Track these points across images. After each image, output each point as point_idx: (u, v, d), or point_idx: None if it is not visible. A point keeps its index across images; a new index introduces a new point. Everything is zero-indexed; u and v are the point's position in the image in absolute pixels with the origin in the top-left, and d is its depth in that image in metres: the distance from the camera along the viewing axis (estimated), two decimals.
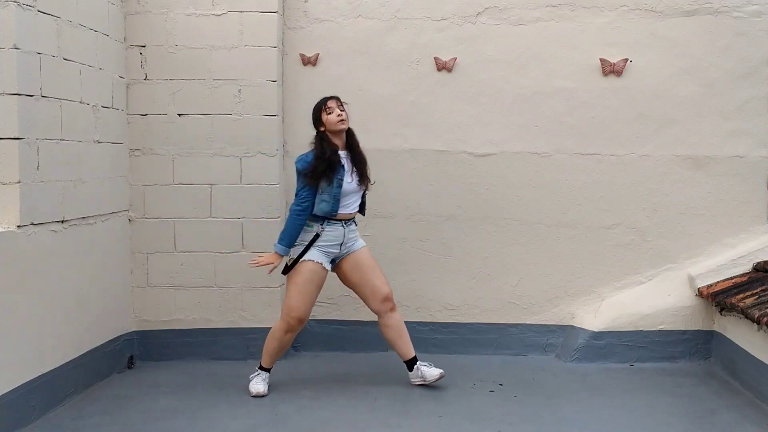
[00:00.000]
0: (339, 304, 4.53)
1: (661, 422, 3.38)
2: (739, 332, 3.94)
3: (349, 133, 3.77)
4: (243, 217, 4.31)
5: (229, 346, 4.35)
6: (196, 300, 4.34)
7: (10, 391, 3.13)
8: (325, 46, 4.41)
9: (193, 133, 4.27)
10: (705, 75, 4.32)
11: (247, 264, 4.28)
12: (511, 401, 3.66)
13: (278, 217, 4.33)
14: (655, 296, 4.35)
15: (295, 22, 4.42)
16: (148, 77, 4.25)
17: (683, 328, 4.31)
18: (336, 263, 3.80)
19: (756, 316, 3.54)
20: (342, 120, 3.68)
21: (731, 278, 4.16)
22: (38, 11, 3.32)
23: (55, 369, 3.48)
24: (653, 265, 4.43)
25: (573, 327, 4.45)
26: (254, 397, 3.72)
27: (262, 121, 4.28)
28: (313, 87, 4.43)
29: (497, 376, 4.05)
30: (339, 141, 3.73)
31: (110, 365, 4.05)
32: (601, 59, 4.32)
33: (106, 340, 4.00)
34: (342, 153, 3.72)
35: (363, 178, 3.74)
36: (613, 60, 4.32)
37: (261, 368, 3.83)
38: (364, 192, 3.82)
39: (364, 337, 4.50)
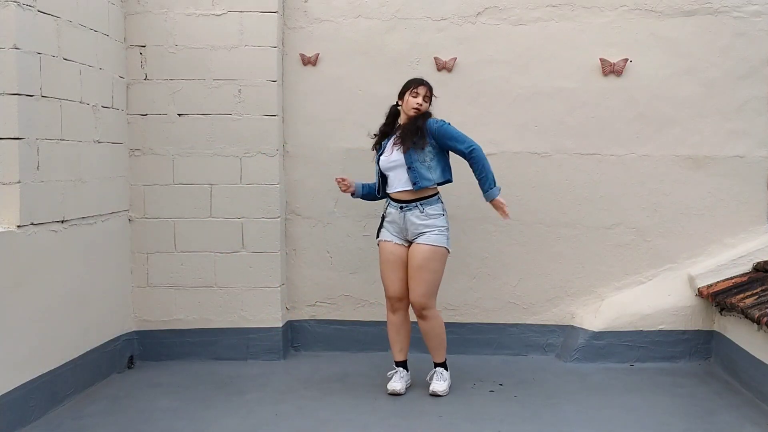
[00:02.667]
0: (339, 304, 4.54)
1: (661, 422, 3.38)
2: (739, 332, 3.94)
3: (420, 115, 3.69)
4: (243, 217, 4.31)
5: (229, 346, 4.36)
6: (196, 300, 4.34)
7: (10, 391, 3.13)
8: (325, 46, 4.42)
9: (193, 133, 4.27)
10: (705, 75, 4.32)
11: (247, 264, 4.30)
12: (511, 401, 3.66)
13: (278, 217, 4.33)
14: (655, 296, 4.35)
15: (295, 22, 4.42)
16: (148, 77, 4.25)
17: (683, 328, 4.31)
18: (411, 242, 3.72)
19: (756, 316, 3.54)
20: (416, 110, 3.66)
21: (731, 278, 4.16)
22: (38, 11, 3.32)
23: (55, 369, 3.48)
24: (653, 265, 4.43)
25: (573, 327, 4.45)
26: (390, 394, 3.74)
27: (262, 121, 4.28)
28: (313, 87, 4.44)
29: (497, 376, 4.05)
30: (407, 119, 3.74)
31: (110, 365, 4.05)
32: (601, 59, 4.33)
33: (106, 340, 4.00)
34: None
35: (406, 145, 3.60)
36: (613, 60, 4.32)
37: (396, 364, 3.86)
38: (413, 165, 3.60)
39: (364, 337, 4.50)
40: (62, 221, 3.54)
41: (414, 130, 3.64)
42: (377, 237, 3.82)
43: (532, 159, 4.42)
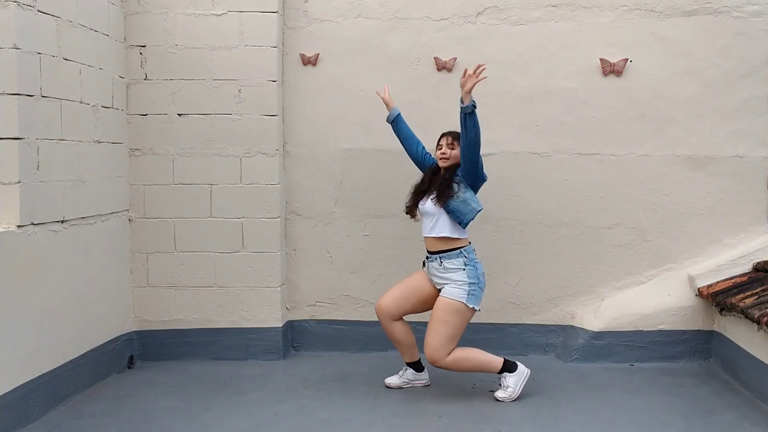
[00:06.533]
0: (339, 304, 4.54)
1: (661, 422, 3.38)
2: (739, 332, 3.94)
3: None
4: (243, 217, 4.31)
5: (229, 346, 4.36)
6: (196, 300, 4.34)
7: (10, 391, 3.14)
8: (325, 46, 4.42)
9: (193, 133, 4.28)
10: (705, 75, 4.33)
11: (247, 264, 4.30)
12: (511, 401, 3.66)
13: (278, 217, 4.33)
14: (655, 296, 4.35)
15: (295, 22, 4.42)
16: (148, 77, 4.25)
17: (683, 328, 4.31)
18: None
19: (756, 316, 3.54)
20: (443, 159, 3.68)
21: (731, 278, 4.16)
22: (38, 11, 3.32)
23: (55, 369, 3.48)
24: (653, 265, 4.43)
25: (573, 327, 4.45)
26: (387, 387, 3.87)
27: (262, 121, 4.28)
28: (313, 87, 4.44)
29: (497, 376, 4.04)
30: None
31: (110, 365, 4.06)
32: (601, 59, 4.33)
33: (106, 340, 4.00)
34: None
35: (439, 197, 3.61)
36: (613, 60, 4.32)
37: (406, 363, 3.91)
38: (452, 208, 3.60)
39: (364, 337, 4.51)
40: (62, 221, 3.54)
41: (444, 184, 3.66)
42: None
43: (532, 159, 4.42)
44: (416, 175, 4.42)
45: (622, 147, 4.39)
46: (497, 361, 3.70)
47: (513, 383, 3.68)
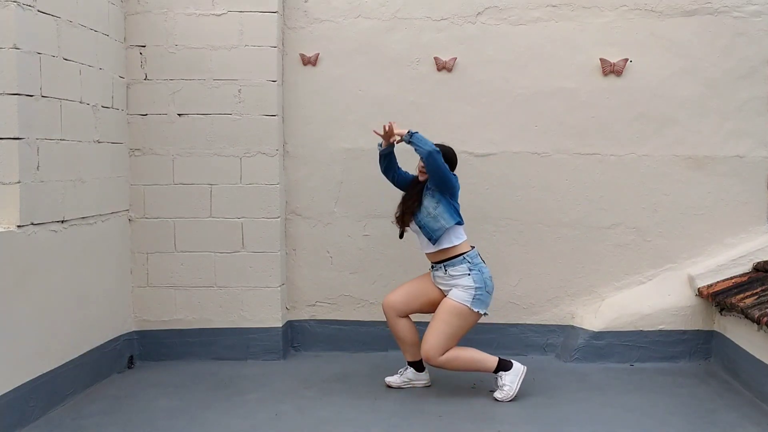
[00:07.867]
0: (339, 304, 4.54)
1: (661, 422, 3.38)
2: (739, 332, 3.94)
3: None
4: (243, 217, 4.31)
5: (228, 346, 4.36)
6: (196, 300, 4.34)
7: (10, 391, 3.14)
8: (325, 46, 4.42)
9: (193, 133, 4.28)
10: (705, 75, 4.32)
11: (247, 264, 4.30)
12: (511, 401, 3.66)
13: (278, 217, 4.33)
14: (655, 296, 4.35)
15: (295, 22, 4.42)
16: (148, 77, 4.25)
17: (683, 328, 4.31)
18: None
19: (756, 316, 3.54)
20: (421, 173, 3.72)
21: (731, 278, 4.16)
22: (38, 11, 3.32)
23: (55, 369, 3.48)
24: (653, 265, 4.43)
25: (573, 327, 4.45)
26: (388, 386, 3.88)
27: (262, 121, 4.28)
28: (313, 87, 4.44)
29: (497, 376, 4.05)
30: None
31: (110, 365, 4.06)
32: (601, 59, 4.33)
33: (106, 340, 4.00)
34: None
35: (411, 211, 3.71)
36: (613, 60, 4.32)
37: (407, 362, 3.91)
38: (422, 224, 3.66)
39: (364, 337, 4.50)
40: (62, 221, 3.54)
41: (411, 195, 3.72)
42: None
43: (532, 159, 4.42)
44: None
45: (622, 147, 4.39)
46: (492, 360, 3.70)
47: (509, 381, 3.69)
